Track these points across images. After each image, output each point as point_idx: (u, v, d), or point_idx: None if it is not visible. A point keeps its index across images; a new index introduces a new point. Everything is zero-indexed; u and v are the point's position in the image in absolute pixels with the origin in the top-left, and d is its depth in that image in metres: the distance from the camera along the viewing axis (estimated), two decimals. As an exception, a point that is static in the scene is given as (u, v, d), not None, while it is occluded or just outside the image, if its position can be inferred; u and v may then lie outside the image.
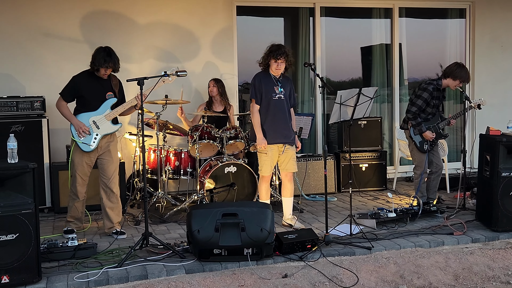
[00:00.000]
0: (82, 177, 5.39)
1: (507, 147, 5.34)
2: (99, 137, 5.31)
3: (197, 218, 4.57)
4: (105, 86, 5.36)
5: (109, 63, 5.20)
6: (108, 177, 5.41)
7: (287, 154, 5.63)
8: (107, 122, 5.33)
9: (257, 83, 5.50)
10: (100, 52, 5.23)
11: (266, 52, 5.44)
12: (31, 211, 4.15)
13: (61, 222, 5.98)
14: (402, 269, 4.59)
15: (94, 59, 5.22)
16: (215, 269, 4.48)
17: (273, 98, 5.49)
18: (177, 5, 7.43)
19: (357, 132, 7.54)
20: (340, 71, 8.76)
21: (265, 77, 5.52)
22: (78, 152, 5.31)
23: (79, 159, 5.33)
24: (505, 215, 5.30)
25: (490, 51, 8.73)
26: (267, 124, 5.52)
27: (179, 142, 7.47)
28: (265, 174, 5.62)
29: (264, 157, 5.56)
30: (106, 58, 5.18)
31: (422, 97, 6.16)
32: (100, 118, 5.31)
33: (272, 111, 5.50)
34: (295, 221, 5.66)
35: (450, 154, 8.20)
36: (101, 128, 5.31)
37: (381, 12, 8.52)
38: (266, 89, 5.48)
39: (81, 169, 5.35)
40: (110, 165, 5.42)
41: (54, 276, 4.28)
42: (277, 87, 5.51)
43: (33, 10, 6.91)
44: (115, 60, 5.24)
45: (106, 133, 5.35)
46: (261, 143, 5.48)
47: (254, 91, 5.51)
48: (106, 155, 5.40)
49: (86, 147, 5.28)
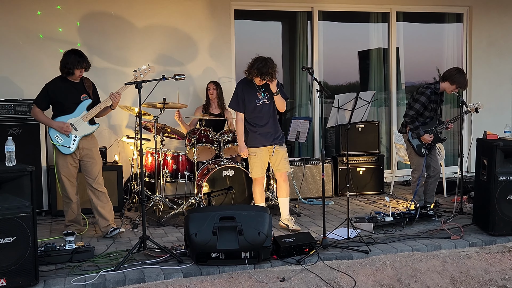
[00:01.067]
0: (69, 178, 5.44)
1: (504, 152, 5.35)
2: (78, 138, 5.37)
3: (195, 221, 4.56)
4: (79, 89, 5.43)
5: (83, 63, 5.31)
6: (93, 177, 5.47)
7: (278, 154, 5.68)
8: (84, 123, 5.39)
9: (239, 92, 5.61)
10: (70, 55, 5.32)
11: (252, 68, 5.42)
12: (29, 214, 4.15)
13: (59, 225, 5.98)
14: (399, 273, 4.60)
15: (66, 62, 5.30)
16: (212, 272, 4.48)
17: (257, 104, 5.58)
18: (175, 8, 7.43)
19: (355, 136, 7.55)
20: (338, 75, 8.77)
21: (248, 85, 5.61)
22: (61, 155, 5.38)
23: (62, 161, 5.39)
24: (502, 219, 5.31)
25: (487, 55, 8.76)
26: (253, 129, 5.63)
27: (177, 145, 7.46)
28: (256, 176, 5.67)
29: (253, 159, 5.64)
30: (78, 59, 5.29)
31: (420, 101, 6.17)
32: (77, 120, 5.37)
33: (257, 117, 5.61)
34: (292, 223, 5.68)
35: (447, 158, 8.22)
36: (79, 130, 5.37)
37: (378, 16, 8.55)
38: (248, 97, 5.58)
39: (66, 171, 5.40)
40: (94, 166, 5.47)
41: (51, 280, 4.27)
42: (259, 92, 5.60)
43: (31, 13, 6.90)
44: (86, 59, 5.37)
45: (84, 134, 5.40)
46: (241, 151, 5.65)
47: (236, 100, 5.61)
48: (89, 156, 5.46)
49: (66, 149, 5.34)
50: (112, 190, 6.38)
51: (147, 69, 5.29)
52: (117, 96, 5.32)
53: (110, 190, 5.85)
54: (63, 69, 5.34)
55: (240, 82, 5.68)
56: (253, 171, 5.68)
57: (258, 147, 5.62)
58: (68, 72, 5.32)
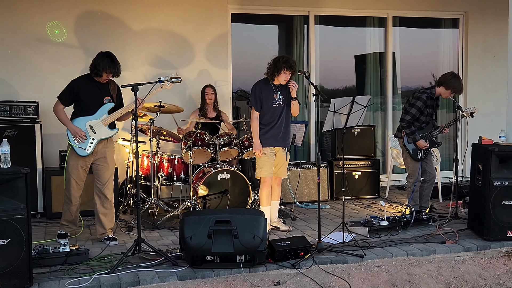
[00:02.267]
0: (77, 181, 5.38)
1: (499, 157, 5.37)
2: (95, 141, 5.30)
3: (190, 224, 4.56)
4: (103, 90, 5.36)
5: (114, 69, 5.22)
6: (103, 182, 5.40)
7: (281, 159, 5.75)
8: (104, 126, 5.33)
9: (258, 91, 5.67)
10: (103, 57, 5.23)
11: (278, 62, 5.53)
12: (23, 217, 4.14)
13: (53, 227, 5.96)
14: (394, 278, 4.60)
15: (98, 64, 5.21)
16: (207, 276, 4.47)
17: (272, 105, 5.64)
18: (172, 11, 7.44)
19: (350, 140, 7.56)
20: (334, 79, 8.79)
21: (265, 85, 5.69)
22: (74, 156, 5.30)
23: (74, 163, 5.32)
24: (496, 224, 5.32)
25: (483, 61, 8.79)
26: (266, 129, 5.67)
27: (173, 148, 7.46)
28: (265, 175, 5.68)
29: (263, 157, 5.66)
30: (110, 64, 5.20)
31: (416, 105, 6.19)
32: (97, 122, 5.30)
33: (271, 117, 5.67)
34: (283, 225, 5.80)
35: (442, 163, 8.24)
36: (97, 133, 5.31)
37: (375, 21, 8.57)
38: (266, 96, 5.64)
39: (76, 173, 5.34)
40: (105, 170, 5.41)
41: (45, 282, 4.26)
42: (276, 94, 5.66)
43: (27, 15, 6.90)
44: (118, 65, 5.27)
45: (103, 137, 5.34)
46: (256, 149, 5.66)
47: (254, 98, 5.68)
48: (102, 160, 5.39)
49: (82, 151, 5.27)
50: (108, 192, 6.37)
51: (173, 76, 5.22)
52: (140, 103, 5.14)
53: (105, 193, 5.85)
54: (93, 69, 5.24)
55: (258, 83, 5.74)
56: (262, 170, 5.69)
57: (269, 146, 5.67)
58: (96, 73, 5.24)
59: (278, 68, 5.53)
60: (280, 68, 5.51)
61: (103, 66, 5.18)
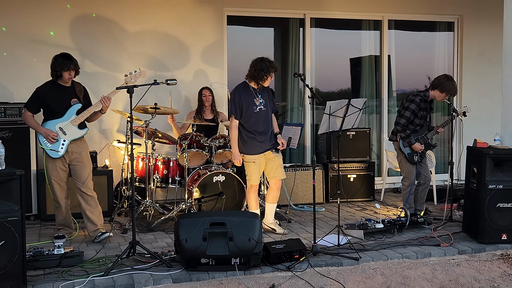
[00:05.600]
0: (59, 183, 5.43)
1: (494, 160, 5.39)
2: (66, 142, 5.36)
3: (185, 227, 4.55)
4: (69, 93, 5.43)
5: (70, 65, 5.31)
6: (83, 181, 5.45)
7: (275, 162, 5.72)
8: (74, 127, 5.39)
9: (237, 98, 5.57)
10: (58, 58, 5.34)
11: (264, 67, 5.45)
12: (18, 218, 4.12)
13: (48, 229, 5.95)
14: (389, 280, 4.60)
15: (55, 66, 5.32)
16: (202, 278, 4.46)
17: (254, 111, 5.58)
18: (167, 14, 7.43)
19: (346, 143, 7.57)
20: (329, 82, 8.80)
21: (245, 91, 5.60)
22: (50, 159, 5.39)
23: (52, 165, 5.39)
24: (491, 227, 5.34)
25: (477, 64, 8.82)
26: (250, 135, 5.61)
27: (168, 150, 7.45)
28: (254, 183, 5.67)
29: (252, 166, 5.62)
30: (65, 62, 5.30)
31: (410, 108, 6.20)
32: (66, 124, 5.36)
33: (254, 123, 5.60)
34: (279, 227, 5.78)
35: (437, 166, 8.25)
36: (68, 134, 5.36)
37: (370, 24, 8.59)
38: (246, 103, 5.56)
39: (55, 175, 5.40)
40: (83, 170, 5.46)
41: (39, 284, 4.24)
42: (257, 99, 5.60)
43: (22, 17, 6.88)
44: (75, 61, 5.37)
45: (73, 138, 5.39)
46: (235, 158, 5.63)
47: (234, 106, 5.57)
48: (78, 160, 5.44)
49: (55, 153, 5.33)
50: (102, 194, 6.35)
51: (139, 73, 5.29)
52: (107, 101, 5.32)
53: (100, 195, 5.84)
54: (53, 72, 5.36)
55: (237, 89, 5.64)
56: (252, 178, 5.65)
57: (257, 154, 5.62)
58: (57, 76, 5.34)
59: (266, 72, 5.43)
60: (268, 72, 5.45)
61: (60, 66, 5.29)
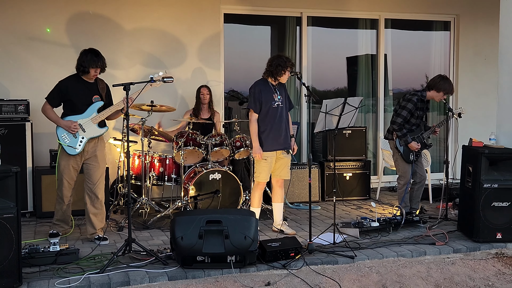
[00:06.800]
0: (69, 181, 5.37)
1: (489, 159, 5.40)
2: (85, 140, 5.29)
3: (181, 224, 4.55)
4: (92, 89, 5.35)
5: (98, 63, 5.23)
6: (94, 182, 5.38)
7: (283, 161, 5.71)
8: (93, 125, 5.32)
9: (257, 92, 5.55)
10: (87, 53, 5.25)
11: (281, 62, 5.50)
12: (13, 215, 4.11)
13: (43, 227, 5.94)
14: (384, 279, 4.61)
15: (83, 61, 5.23)
16: (198, 276, 4.47)
17: (272, 106, 5.57)
18: (164, 11, 7.43)
19: (342, 142, 7.58)
20: (326, 80, 8.81)
21: (265, 86, 5.60)
22: (65, 155, 5.29)
23: (65, 162, 5.30)
24: (486, 226, 5.35)
25: (474, 64, 8.84)
26: (267, 132, 5.58)
27: (164, 148, 7.44)
28: (262, 180, 5.64)
29: (263, 163, 5.59)
30: (94, 58, 5.22)
31: (407, 108, 6.21)
32: (86, 121, 5.29)
33: (272, 119, 5.58)
34: (287, 228, 5.75)
35: (433, 165, 8.28)
36: (87, 131, 5.29)
37: (367, 23, 8.60)
38: (265, 98, 5.55)
39: (67, 173, 5.33)
40: (96, 170, 5.39)
41: (35, 282, 4.24)
42: (275, 94, 5.60)
43: (18, 14, 6.86)
44: (103, 59, 5.29)
45: (92, 136, 5.32)
46: (256, 152, 5.55)
47: (254, 100, 5.55)
48: (93, 160, 5.37)
49: (72, 150, 5.25)
50: (98, 192, 6.34)
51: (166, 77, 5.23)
52: (129, 101, 5.12)
53: (96, 192, 5.82)
54: (79, 67, 5.26)
55: (257, 84, 5.62)
56: (261, 176, 5.62)
57: (270, 151, 5.60)
58: (83, 71, 5.25)
59: (283, 67, 5.48)
60: (286, 67, 5.49)
61: (88, 62, 5.21)
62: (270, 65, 5.56)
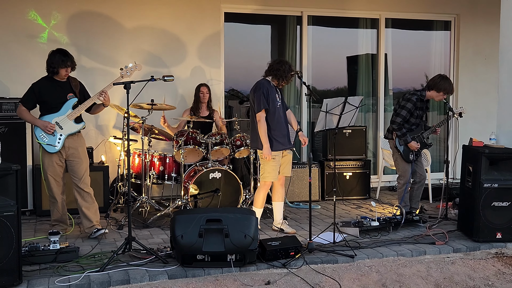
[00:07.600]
0: (55, 178, 5.42)
1: (489, 159, 5.40)
2: (63, 137, 5.36)
3: (181, 223, 4.55)
4: (65, 88, 5.43)
5: (67, 62, 5.31)
6: (79, 177, 5.44)
7: (287, 158, 5.74)
8: (70, 121, 5.38)
9: (265, 92, 5.52)
10: (55, 54, 5.33)
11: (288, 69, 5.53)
12: (13, 213, 4.11)
13: (43, 225, 5.94)
14: (384, 278, 4.62)
15: (52, 62, 5.31)
16: (198, 275, 4.47)
17: (276, 106, 5.60)
18: (164, 10, 7.42)
19: (342, 141, 7.58)
20: (326, 79, 8.81)
21: (270, 86, 5.61)
22: (46, 154, 5.37)
23: (48, 160, 5.38)
24: (486, 225, 5.36)
25: (474, 63, 8.85)
26: (275, 131, 5.58)
27: (164, 147, 7.44)
28: (269, 180, 5.62)
29: (272, 162, 5.56)
30: (63, 58, 5.30)
31: (406, 107, 6.21)
32: (63, 118, 5.36)
33: (277, 118, 5.60)
34: (287, 227, 5.75)
35: (433, 165, 8.28)
36: (64, 128, 5.36)
37: (367, 22, 8.60)
38: (271, 97, 5.56)
39: (52, 170, 5.39)
40: (80, 165, 5.45)
41: (35, 280, 4.24)
42: (277, 95, 5.64)
43: (19, 12, 6.86)
44: (72, 58, 5.37)
45: (70, 132, 5.39)
46: (268, 153, 5.50)
47: (264, 100, 5.49)
48: (75, 156, 5.44)
49: (52, 148, 5.33)
50: (98, 190, 6.34)
51: (134, 67, 5.29)
52: (104, 95, 5.31)
53: (96, 191, 5.82)
54: (49, 68, 5.35)
55: (263, 84, 5.57)
56: (270, 175, 5.57)
57: (279, 150, 5.60)
58: (53, 72, 5.34)
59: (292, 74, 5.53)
60: (292, 75, 5.55)
61: (57, 63, 5.29)
62: (277, 69, 5.52)
